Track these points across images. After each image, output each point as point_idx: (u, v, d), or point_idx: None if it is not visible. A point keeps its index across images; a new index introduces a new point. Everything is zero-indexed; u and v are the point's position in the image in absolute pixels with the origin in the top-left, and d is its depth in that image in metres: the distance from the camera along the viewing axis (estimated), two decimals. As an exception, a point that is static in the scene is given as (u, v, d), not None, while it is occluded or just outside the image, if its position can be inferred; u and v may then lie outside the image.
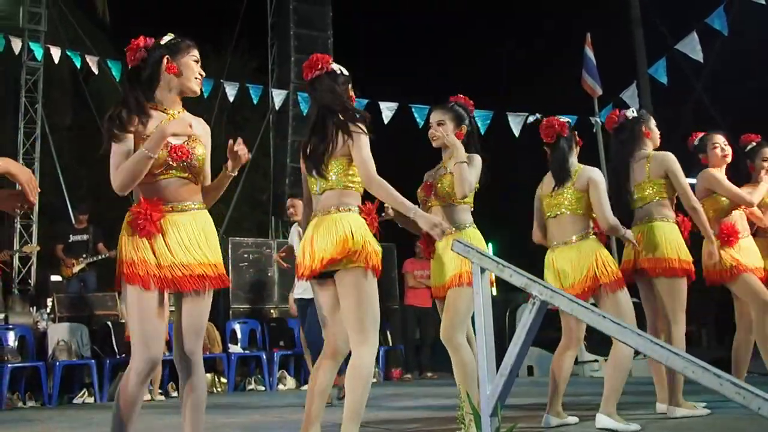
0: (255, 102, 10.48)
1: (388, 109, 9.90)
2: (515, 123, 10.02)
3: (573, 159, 4.50)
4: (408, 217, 3.24)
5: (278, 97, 10.71)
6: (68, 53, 10.39)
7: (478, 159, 4.12)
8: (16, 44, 10.56)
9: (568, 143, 4.48)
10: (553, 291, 2.30)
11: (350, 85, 3.53)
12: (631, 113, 4.87)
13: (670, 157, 4.69)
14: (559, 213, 4.41)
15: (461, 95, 4.39)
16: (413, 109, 9.84)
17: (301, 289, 6.65)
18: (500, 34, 17.88)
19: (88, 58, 10.24)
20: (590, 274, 4.22)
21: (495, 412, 2.41)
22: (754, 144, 5.31)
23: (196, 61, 3.12)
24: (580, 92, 10.44)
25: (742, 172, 5.27)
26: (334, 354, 3.38)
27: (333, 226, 3.25)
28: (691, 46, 8.93)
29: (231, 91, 10.29)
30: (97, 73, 10.48)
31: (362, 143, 3.27)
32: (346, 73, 3.50)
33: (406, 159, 8.33)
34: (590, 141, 10.33)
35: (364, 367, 3.16)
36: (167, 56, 3.04)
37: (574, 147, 4.55)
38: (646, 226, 4.63)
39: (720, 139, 5.13)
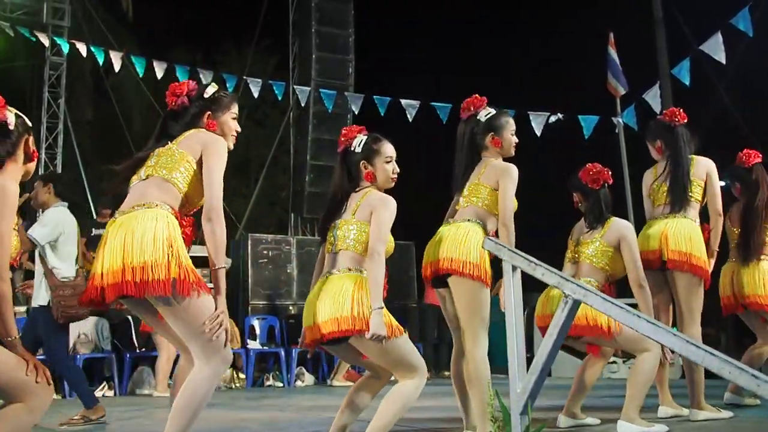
0: (279, 98, 10.52)
1: (410, 107, 9.91)
2: (537, 123, 9.99)
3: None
4: None
5: (301, 94, 10.73)
6: (92, 49, 10.47)
7: None
8: (42, 39, 10.65)
9: (610, 190, 4.43)
10: (586, 290, 2.29)
11: None
12: None
13: (712, 165, 4.66)
14: (579, 260, 4.35)
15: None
16: (436, 107, 9.84)
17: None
18: (522, 32, 17.78)
19: (112, 54, 10.31)
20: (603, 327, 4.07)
21: (525, 410, 2.41)
22: None
23: (234, 118, 3.08)
24: (601, 92, 10.38)
25: None
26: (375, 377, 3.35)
27: None
28: (715, 47, 8.83)
29: (254, 87, 10.33)
30: (119, 69, 10.55)
31: None
32: None
33: (431, 156, 8.30)
34: (612, 141, 10.29)
35: (406, 397, 3.10)
36: (209, 112, 3.00)
37: None
38: (677, 220, 4.54)
39: None
